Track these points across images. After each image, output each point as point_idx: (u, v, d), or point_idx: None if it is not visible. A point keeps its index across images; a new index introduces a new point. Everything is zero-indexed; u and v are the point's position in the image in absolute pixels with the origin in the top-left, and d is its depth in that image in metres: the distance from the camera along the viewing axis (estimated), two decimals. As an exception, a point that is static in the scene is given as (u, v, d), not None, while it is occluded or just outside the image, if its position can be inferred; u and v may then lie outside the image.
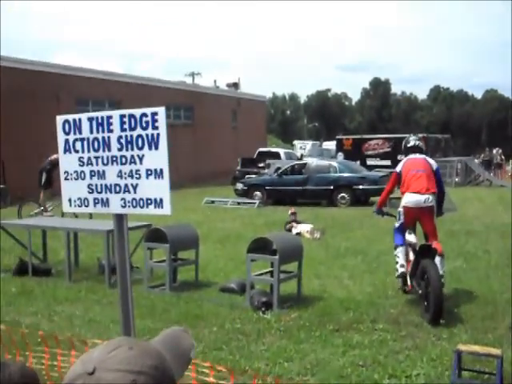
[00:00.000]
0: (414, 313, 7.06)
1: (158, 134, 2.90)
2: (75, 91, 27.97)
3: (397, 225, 7.73)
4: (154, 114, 2.91)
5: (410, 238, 7.57)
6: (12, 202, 22.04)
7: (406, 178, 7.57)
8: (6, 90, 24.59)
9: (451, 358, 5.13)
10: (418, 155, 7.85)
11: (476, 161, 35.51)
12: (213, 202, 22.20)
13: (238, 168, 30.72)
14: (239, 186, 23.53)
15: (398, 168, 7.84)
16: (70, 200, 3.29)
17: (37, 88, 25.87)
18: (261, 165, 29.94)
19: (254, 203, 21.35)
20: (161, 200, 2.95)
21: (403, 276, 7.57)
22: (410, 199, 7.46)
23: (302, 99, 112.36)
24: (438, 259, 7.11)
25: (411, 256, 7.51)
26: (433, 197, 7.47)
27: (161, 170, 2.92)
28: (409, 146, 8.02)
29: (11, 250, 11.12)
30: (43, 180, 16.01)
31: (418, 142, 8.02)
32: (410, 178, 7.53)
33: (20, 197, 22.55)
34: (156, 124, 2.89)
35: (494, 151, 35.90)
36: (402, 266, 7.52)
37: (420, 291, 7.04)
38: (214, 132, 37.75)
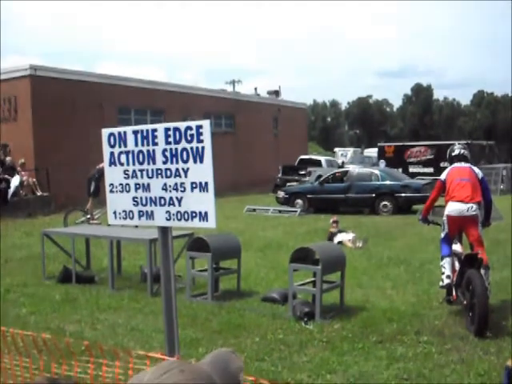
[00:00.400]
0: (460, 325, 6.91)
1: (203, 148, 2.90)
2: (117, 100, 28.36)
3: (442, 235, 7.66)
4: (198, 127, 2.91)
5: (456, 247, 7.53)
6: (56, 210, 22.46)
7: (451, 186, 7.52)
8: (52, 99, 25.12)
9: (500, 373, 5.00)
10: (463, 164, 7.77)
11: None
12: (254, 210, 22.21)
13: (279, 176, 30.72)
14: (280, 193, 23.50)
15: (443, 176, 7.77)
16: (115, 212, 3.32)
17: (80, 97, 26.33)
18: (302, 172, 29.89)
19: (296, 211, 21.28)
20: (205, 213, 2.95)
21: (449, 287, 7.46)
22: (453, 208, 7.41)
23: (343, 106, 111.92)
24: (483, 271, 6.98)
25: (457, 266, 7.43)
26: (476, 206, 7.39)
27: (206, 184, 2.92)
28: (454, 154, 7.95)
29: (55, 257, 11.30)
30: (92, 188, 16.25)
31: (463, 151, 7.93)
32: (454, 187, 7.48)
33: (63, 204, 23.00)
34: (201, 137, 2.90)
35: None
36: (448, 276, 7.41)
37: (465, 302, 6.94)
38: (255, 140, 37.81)
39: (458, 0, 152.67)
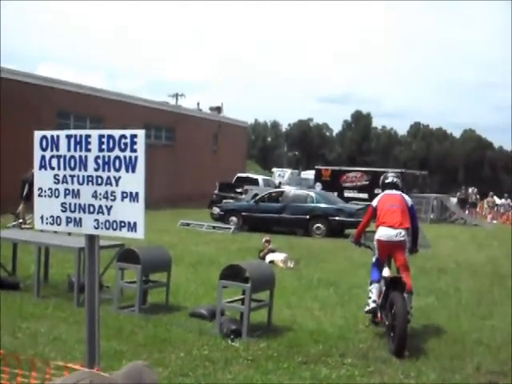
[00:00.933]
0: (383, 348, 7.02)
1: (136, 157, 2.87)
2: (57, 104, 27.82)
3: (373, 259, 7.89)
4: (133, 137, 2.88)
5: (385, 271, 7.69)
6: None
7: (381, 212, 7.78)
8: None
9: (418, 397, 5.10)
10: (394, 191, 8.07)
11: (453, 199, 35.87)
12: (188, 224, 22.10)
13: (216, 192, 30.69)
14: (216, 210, 23.48)
15: (374, 202, 8.05)
16: (42, 217, 3.24)
17: (18, 98, 25.67)
18: (238, 190, 29.94)
19: (230, 228, 21.28)
20: (134, 224, 2.91)
21: (373, 312, 7.69)
22: (382, 233, 7.65)
23: (284, 127, 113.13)
24: (406, 295, 7.24)
25: (383, 288, 7.61)
26: (405, 232, 7.66)
27: (136, 194, 2.88)
28: (386, 182, 8.25)
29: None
30: (25, 191, 15.71)
31: (395, 179, 8.24)
32: (384, 213, 7.74)
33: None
34: (135, 147, 2.86)
35: (470, 190, 36.32)
36: (374, 301, 7.61)
37: (387, 322, 7.18)
38: (194, 154, 37.73)
39: (397, 30, 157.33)
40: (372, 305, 7.65)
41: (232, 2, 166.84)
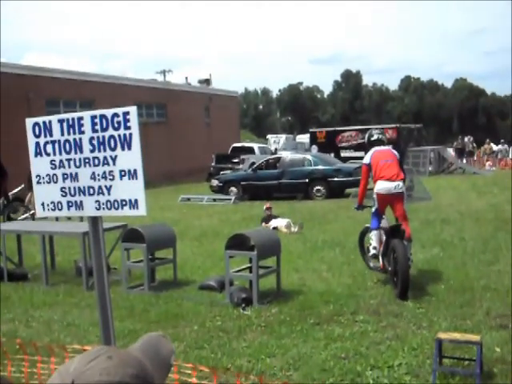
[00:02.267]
0: (394, 303, 7.09)
1: (131, 134, 2.85)
2: (45, 92, 27.64)
3: (373, 210, 8.22)
4: (125, 114, 2.85)
5: (383, 223, 8.14)
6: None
7: (377, 167, 8.09)
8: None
9: (432, 346, 5.17)
10: (382, 147, 8.42)
11: (450, 149, 35.83)
12: (188, 199, 22.12)
13: (213, 164, 30.67)
14: (214, 182, 23.48)
15: (367, 160, 8.32)
16: (43, 204, 3.23)
17: (6, 90, 25.48)
18: (235, 160, 29.92)
19: (230, 199, 21.31)
20: (136, 201, 2.90)
21: (374, 257, 8.20)
22: (382, 186, 7.99)
23: (274, 93, 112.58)
24: (405, 242, 7.67)
25: (383, 237, 8.03)
26: (402, 183, 8.05)
27: (135, 171, 2.87)
28: (372, 139, 8.61)
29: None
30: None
31: (380, 136, 8.66)
32: (380, 167, 8.06)
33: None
34: (128, 124, 2.84)
35: (466, 139, 36.25)
36: (375, 248, 8.12)
37: (390, 268, 7.66)
38: (188, 129, 37.60)
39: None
40: (372, 251, 8.16)
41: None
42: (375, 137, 8.61)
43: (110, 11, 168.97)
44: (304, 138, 45.98)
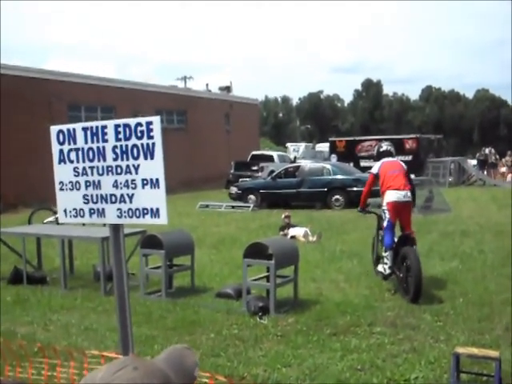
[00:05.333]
0: (412, 315, 7.05)
1: (154, 144, 2.88)
2: (67, 96, 27.90)
3: (385, 224, 8.39)
4: (148, 124, 2.89)
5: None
6: (5, 210, 21.96)
7: (385, 177, 8.42)
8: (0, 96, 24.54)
9: (449, 360, 5.12)
10: (390, 158, 8.79)
11: (471, 160, 35.56)
12: (207, 206, 22.18)
13: (232, 171, 30.73)
14: (233, 189, 23.51)
15: (375, 170, 8.70)
16: (65, 211, 3.27)
17: (29, 94, 25.80)
18: (254, 168, 29.95)
19: (249, 207, 21.33)
20: (157, 209, 2.93)
21: (389, 276, 8.43)
22: (392, 196, 8.26)
23: (294, 101, 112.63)
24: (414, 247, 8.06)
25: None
26: (410, 193, 8.38)
27: (157, 180, 2.90)
28: (381, 150, 9.00)
29: (6, 258, 11.05)
30: None
31: (389, 148, 9.02)
32: (388, 178, 8.38)
33: (13, 204, 22.51)
34: (151, 133, 2.88)
35: (487, 151, 35.91)
36: (390, 267, 8.28)
37: (401, 275, 7.92)
38: (208, 136, 37.72)
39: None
40: (388, 271, 8.33)
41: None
42: (384, 148, 8.98)
43: (132, 17, 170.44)
44: (323, 147, 45.97)
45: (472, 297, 7.78)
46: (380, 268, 8.56)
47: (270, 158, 33.38)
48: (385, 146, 9.03)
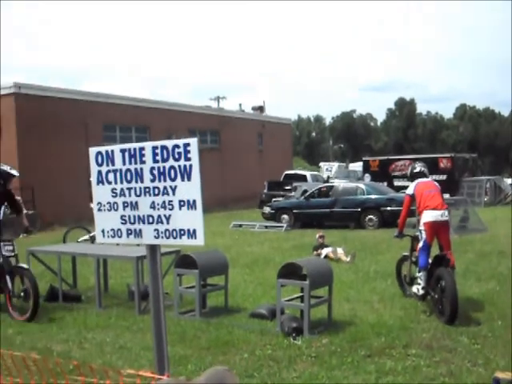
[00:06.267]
0: (448, 337, 6.93)
1: (191, 166, 2.92)
2: (102, 117, 28.38)
3: (421, 244, 8.34)
4: (186, 146, 2.93)
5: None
6: (42, 228, 22.31)
7: (422, 198, 8.40)
8: (37, 117, 25.08)
9: (488, 385, 5.02)
10: (425, 179, 8.81)
11: (508, 180, 35.06)
12: (240, 225, 22.23)
13: (265, 191, 30.78)
14: (266, 209, 23.55)
15: (410, 191, 8.68)
16: (103, 231, 3.32)
17: (65, 115, 26.33)
18: (287, 188, 29.96)
19: (282, 227, 21.31)
20: (194, 231, 2.96)
21: (422, 298, 8.40)
22: (429, 215, 8.22)
23: (327, 121, 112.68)
24: (450, 270, 7.96)
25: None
26: (448, 212, 8.41)
27: (194, 201, 2.93)
28: (415, 171, 9.02)
29: (42, 276, 11.21)
30: None
31: (423, 169, 9.02)
32: (425, 198, 8.36)
33: (50, 222, 22.88)
34: (188, 155, 2.91)
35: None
36: (424, 288, 8.24)
37: (436, 297, 7.86)
38: (241, 155, 37.91)
39: (440, 16, 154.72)
40: (421, 291, 8.27)
41: (267, 3, 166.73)
42: (418, 169, 8.98)
43: (166, 38, 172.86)
44: (356, 167, 45.84)
45: (511, 319, 7.61)
46: (414, 289, 8.47)
47: (303, 178, 33.38)
48: (418, 167, 9.04)
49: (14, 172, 9.35)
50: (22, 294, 8.57)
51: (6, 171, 9.25)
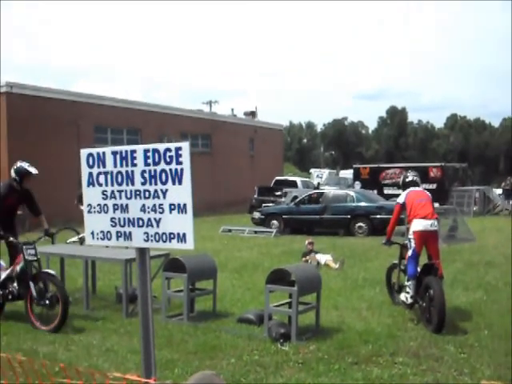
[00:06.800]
0: (435, 346, 6.95)
1: (182, 169, 2.92)
2: (94, 118, 28.29)
3: (410, 253, 8.37)
4: (178, 149, 2.93)
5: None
6: (31, 229, 22.17)
7: (412, 206, 8.44)
8: (28, 117, 24.97)
9: (473, 394, 5.04)
10: (417, 188, 8.85)
11: (497, 190, 35.19)
12: (230, 230, 22.21)
13: (255, 196, 30.78)
14: (256, 214, 23.55)
15: (401, 200, 8.70)
16: (92, 233, 3.31)
17: (56, 115, 26.22)
18: (278, 193, 29.98)
19: (271, 232, 21.32)
20: (184, 235, 2.96)
21: (410, 307, 8.39)
22: (418, 224, 8.26)
23: (319, 127, 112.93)
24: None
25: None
26: (437, 222, 8.46)
27: (184, 205, 2.93)
28: (407, 180, 9.02)
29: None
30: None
31: (415, 178, 9.04)
32: (415, 207, 8.40)
33: (38, 223, 22.72)
34: (180, 159, 2.91)
35: (512, 180, 35.47)
36: (412, 297, 8.26)
37: (424, 305, 7.90)
38: (232, 160, 37.91)
39: (433, 26, 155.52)
40: (410, 300, 8.28)
41: (261, 7, 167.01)
42: (410, 178, 8.99)
43: (158, 41, 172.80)
44: (347, 174, 45.90)
45: (497, 329, 7.65)
46: (402, 297, 8.49)
47: (293, 184, 33.43)
48: (411, 176, 9.06)
49: (33, 170, 9.02)
50: (46, 301, 8.01)
51: (24, 168, 8.93)
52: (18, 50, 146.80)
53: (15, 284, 8.35)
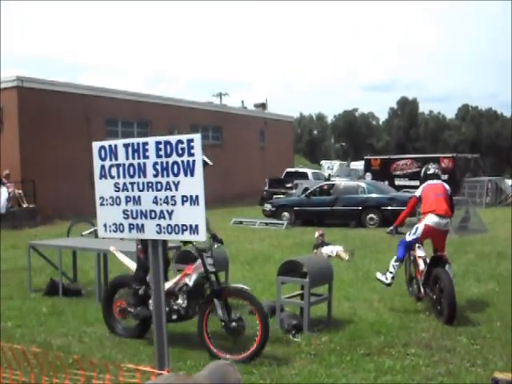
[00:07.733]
0: (447, 337, 6.94)
1: (194, 161, 2.92)
2: (104, 112, 28.33)
3: (408, 238, 8.38)
4: (189, 141, 2.93)
5: (420, 252, 8.42)
6: (42, 222, 22.34)
7: (428, 200, 8.38)
8: (39, 111, 25.05)
9: (486, 385, 5.03)
10: (435, 181, 8.74)
11: (509, 180, 35.03)
12: (241, 222, 22.21)
13: (266, 188, 30.77)
14: (267, 206, 23.53)
15: (418, 193, 8.69)
16: (105, 225, 3.32)
17: (67, 109, 26.28)
18: (288, 185, 29.96)
19: (282, 224, 21.30)
20: (196, 226, 2.96)
21: (388, 285, 8.54)
22: (433, 220, 8.23)
23: (329, 119, 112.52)
24: (447, 265, 8.07)
25: (422, 267, 8.30)
26: (450, 221, 8.58)
27: (196, 197, 2.93)
28: (429, 173, 8.91)
29: (42, 269, 11.23)
30: None
31: (437, 170, 8.96)
32: (431, 201, 8.34)
33: (50, 217, 22.88)
34: (192, 151, 2.92)
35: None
36: (393, 278, 8.45)
37: (434, 297, 7.88)
38: (242, 152, 37.88)
39: (442, 16, 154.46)
40: (390, 280, 8.44)
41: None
42: (432, 171, 8.88)
43: (170, 34, 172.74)
44: (358, 165, 45.80)
45: (510, 321, 7.61)
46: (380, 276, 8.61)
47: (304, 176, 33.38)
48: (432, 169, 8.94)
49: (208, 161, 6.81)
50: (233, 324, 6.46)
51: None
52: (19, 42, 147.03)
53: (180, 301, 6.77)
